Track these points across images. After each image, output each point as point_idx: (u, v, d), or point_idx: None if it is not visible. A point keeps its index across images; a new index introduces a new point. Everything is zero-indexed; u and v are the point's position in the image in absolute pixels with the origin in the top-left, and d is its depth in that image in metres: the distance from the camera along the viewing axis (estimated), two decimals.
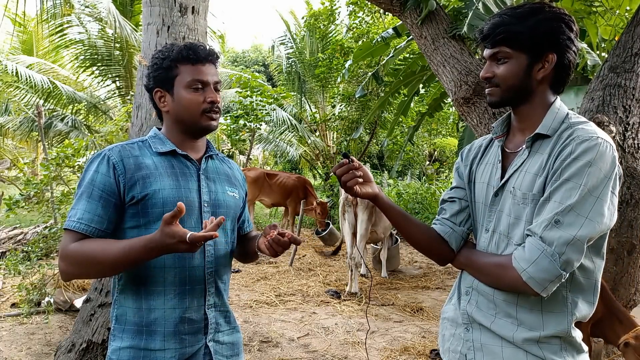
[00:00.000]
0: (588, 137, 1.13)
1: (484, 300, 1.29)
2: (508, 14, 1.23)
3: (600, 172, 1.11)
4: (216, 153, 1.55)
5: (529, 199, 1.19)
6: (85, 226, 1.28)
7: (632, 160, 3.28)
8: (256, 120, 9.36)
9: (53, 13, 8.61)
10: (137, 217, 1.33)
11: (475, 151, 1.45)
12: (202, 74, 1.39)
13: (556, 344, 1.20)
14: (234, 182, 1.56)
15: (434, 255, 1.43)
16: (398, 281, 6.12)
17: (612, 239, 3.27)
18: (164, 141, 1.43)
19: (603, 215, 1.11)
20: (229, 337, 1.46)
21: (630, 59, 3.25)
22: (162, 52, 1.42)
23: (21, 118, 11.22)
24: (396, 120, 7.71)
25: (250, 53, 30.95)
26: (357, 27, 10.71)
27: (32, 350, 3.58)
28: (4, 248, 6.13)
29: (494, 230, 1.29)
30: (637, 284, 3.35)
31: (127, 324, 1.34)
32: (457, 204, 1.43)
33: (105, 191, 1.30)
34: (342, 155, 1.34)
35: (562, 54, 1.21)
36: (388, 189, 12.43)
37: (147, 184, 1.33)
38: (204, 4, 3.20)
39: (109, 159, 1.33)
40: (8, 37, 13.01)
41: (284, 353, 3.72)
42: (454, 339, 1.36)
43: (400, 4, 3.87)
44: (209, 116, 1.40)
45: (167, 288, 1.34)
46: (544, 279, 1.11)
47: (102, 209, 1.30)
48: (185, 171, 1.42)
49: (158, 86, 1.42)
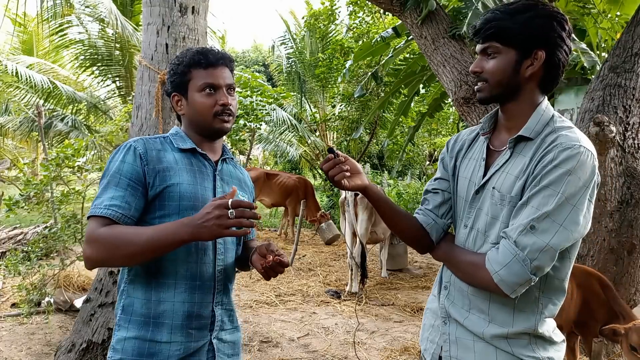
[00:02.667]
0: (571, 145, 1.14)
1: (459, 296, 1.32)
2: (500, 10, 1.23)
3: (579, 181, 1.12)
4: (231, 157, 1.59)
5: (507, 200, 1.21)
6: (113, 212, 1.28)
7: (632, 160, 3.28)
8: (256, 120, 9.36)
9: (53, 13, 8.62)
10: (154, 210, 1.35)
11: (461, 143, 1.45)
12: (213, 77, 1.42)
13: (524, 339, 1.23)
14: (244, 188, 1.60)
15: (415, 245, 1.46)
16: (398, 281, 6.11)
17: (612, 239, 3.27)
18: (185, 139, 1.47)
19: (578, 224, 1.13)
20: (231, 336, 1.48)
21: (630, 59, 3.25)
22: (178, 57, 1.47)
23: (21, 118, 11.22)
24: (396, 120, 7.72)
25: (250, 53, 30.95)
26: (357, 27, 10.71)
27: (32, 350, 3.58)
28: (4, 248, 6.12)
29: (472, 227, 1.31)
30: (637, 284, 3.35)
31: (133, 314, 1.35)
32: (440, 195, 1.44)
33: (132, 179, 1.32)
34: (328, 150, 1.35)
35: (552, 52, 1.21)
36: (388, 189, 12.43)
37: (166, 177, 1.36)
38: (204, 4, 3.20)
39: (135, 149, 1.36)
40: (8, 37, 13.01)
41: (284, 353, 3.72)
42: (433, 330, 1.41)
43: (400, 4, 3.87)
44: (221, 119, 1.43)
45: (179, 281, 1.35)
46: (514, 282, 1.14)
47: (130, 196, 1.31)
48: (203, 170, 1.45)
49: (175, 91, 1.47)
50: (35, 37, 12.56)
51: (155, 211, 1.35)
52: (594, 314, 2.68)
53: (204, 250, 1.39)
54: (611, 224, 3.25)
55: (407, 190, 11.96)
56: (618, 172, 3.24)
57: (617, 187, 3.24)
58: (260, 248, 1.42)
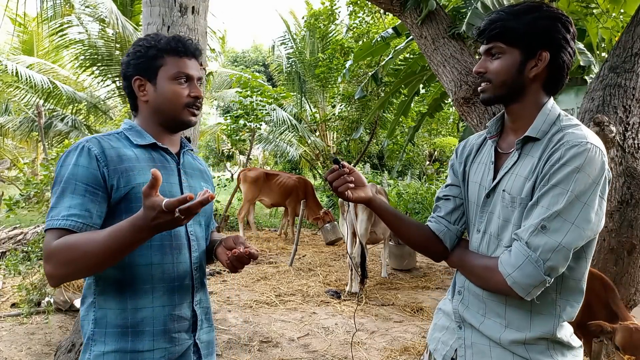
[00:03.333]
0: (577, 142, 1.13)
1: (474, 300, 1.31)
2: (505, 11, 1.23)
3: (589, 178, 1.11)
4: (191, 149, 1.52)
5: (517, 202, 1.20)
6: (73, 222, 1.17)
7: (632, 160, 3.28)
8: (256, 120, 9.35)
9: (54, 13, 8.61)
10: (120, 214, 1.24)
11: (469, 149, 1.45)
12: (188, 67, 1.37)
13: (543, 345, 1.22)
14: (206, 179, 1.53)
15: (430, 253, 1.44)
16: (398, 281, 6.11)
17: (612, 239, 3.27)
18: (142, 133, 1.37)
19: (590, 222, 1.12)
20: (207, 336, 1.44)
21: (630, 59, 3.25)
22: (147, 40, 1.37)
23: (21, 118, 11.23)
24: (396, 120, 7.71)
25: (250, 53, 30.96)
26: (357, 27, 10.72)
27: (32, 350, 3.58)
28: (4, 248, 6.12)
29: (484, 231, 1.30)
30: (637, 284, 3.35)
31: (108, 326, 1.26)
32: (452, 202, 1.44)
33: (90, 184, 1.22)
34: (333, 161, 1.34)
35: (556, 53, 1.21)
36: (388, 189, 12.43)
37: (131, 177, 1.27)
38: (204, 4, 3.20)
39: (90, 150, 1.25)
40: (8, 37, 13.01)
41: (284, 353, 3.72)
42: (447, 332, 1.39)
43: (400, 4, 3.87)
44: (191, 111, 1.37)
45: (156, 285, 1.28)
46: (528, 284, 1.13)
47: (90, 203, 1.21)
48: (166, 165, 1.38)
49: (140, 74, 1.36)
50: (36, 37, 12.57)
51: (121, 214, 1.23)
52: (596, 315, 2.68)
53: (179, 249, 1.34)
54: (611, 224, 3.24)
55: (407, 190, 11.96)
56: (618, 172, 3.24)
57: (617, 187, 3.24)
58: (226, 240, 1.37)
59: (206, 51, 3.00)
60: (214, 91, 14.31)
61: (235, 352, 3.71)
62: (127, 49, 1.41)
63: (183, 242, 1.35)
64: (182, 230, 1.36)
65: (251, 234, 8.89)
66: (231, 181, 12.44)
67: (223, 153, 19.97)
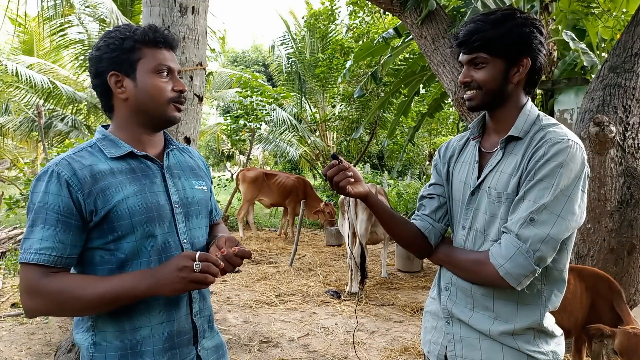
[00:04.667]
0: (559, 139, 1.20)
1: (462, 295, 1.36)
2: (482, 21, 1.28)
3: (571, 172, 1.18)
4: (176, 145, 1.41)
5: (504, 197, 1.26)
6: (46, 256, 1.12)
7: (632, 160, 3.28)
8: (256, 120, 9.36)
9: (54, 13, 8.62)
10: (104, 235, 1.18)
11: (452, 150, 1.51)
12: (169, 59, 1.27)
13: (530, 334, 1.28)
14: (199, 174, 1.43)
15: (414, 250, 1.49)
16: (398, 281, 6.11)
17: (612, 239, 3.27)
18: (116, 143, 1.26)
19: (574, 214, 1.19)
20: (212, 342, 1.40)
21: (630, 59, 3.25)
22: (120, 31, 1.25)
23: (21, 118, 11.24)
24: (396, 120, 7.72)
25: (250, 53, 30.97)
26: (357, 27, 10.72)
27: (32, 350, 3.58)
28: (4, 248, 6.12)
29: (470, 228, 1.35)
30: (637, 284, 3.35)
31: (108, 349, 1.21)
32: (436, 200, 1.49)
33: (61, 213, 1.14)
34: (331, 156, 1.35)
35: (535, 58, 1.28)
36: (388, 189, 12.43)
37: (108, 196, 1.17)
38: (204, 4, 3.20)
39: (59, 175, 1.15)
40: (8, 37, 13.02)
41: (284, 353, 3.72)
42: (436, 332, 1.44)
43: (400, 4, 3.87)
44: (176, 106, 1.28)
45: (152, 303, 1.22)
46: (519, 274, 1.19)
47: (62, 233, 1.14)
48: (148, 173, 1.27)
49: (115, 69, 1.23)
50: (36, 37, 12.58)
51: (106, 235, 1.17)
52: (601, 317, 2.68)
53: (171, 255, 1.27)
54: (611, 224, 3.25)
55: (407, 190, 11.96)
56: (618, 172, 3.24)
57: (617, 187, 3.24)
58: (218, 240, 1.31)
59: (206, 51, 3.00)
60: (214, 91, 14.32)
61: (235, 352, 3.71)
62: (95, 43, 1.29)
63: (174, 254, 1.25)
64: (174, 241, 1.27)
65: (251, 234, 8.89)
66: (231, 181, 12.44)
67: (223, 153, 20.01)
